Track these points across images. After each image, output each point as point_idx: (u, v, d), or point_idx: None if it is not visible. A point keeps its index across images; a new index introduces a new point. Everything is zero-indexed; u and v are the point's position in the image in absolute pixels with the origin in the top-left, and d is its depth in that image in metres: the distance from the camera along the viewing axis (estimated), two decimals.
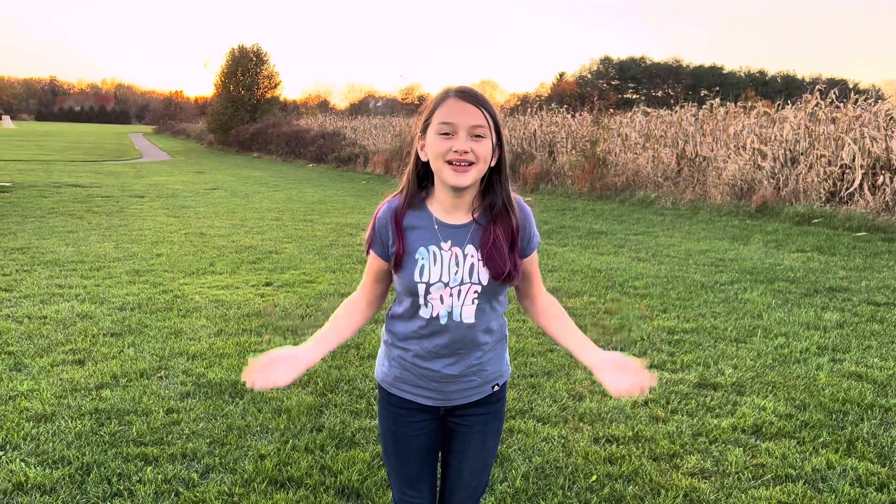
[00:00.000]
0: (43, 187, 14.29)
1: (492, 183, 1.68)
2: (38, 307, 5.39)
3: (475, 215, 1.70)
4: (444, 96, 1.63)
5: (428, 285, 1.69)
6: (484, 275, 1.69)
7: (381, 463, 3.07)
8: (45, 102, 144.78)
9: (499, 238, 1.67)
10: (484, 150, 1.61)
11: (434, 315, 1.71)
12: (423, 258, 1.70)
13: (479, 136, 1.60)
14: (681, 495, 2.85)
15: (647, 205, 13.03)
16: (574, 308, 5.64)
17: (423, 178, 1.74)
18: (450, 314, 1.70)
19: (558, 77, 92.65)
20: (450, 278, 1.68)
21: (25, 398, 3.67)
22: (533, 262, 1.80)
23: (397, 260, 1.72)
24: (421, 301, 1.72)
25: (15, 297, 5.66)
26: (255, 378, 1.62)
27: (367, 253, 1.80)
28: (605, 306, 5.76)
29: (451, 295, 1.69)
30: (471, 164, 1.61)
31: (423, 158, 1.68)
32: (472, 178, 1.62)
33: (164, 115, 74.41)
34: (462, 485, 1.87)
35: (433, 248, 1.70)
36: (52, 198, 12.57)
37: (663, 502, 2.79)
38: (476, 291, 1.69)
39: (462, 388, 1.77)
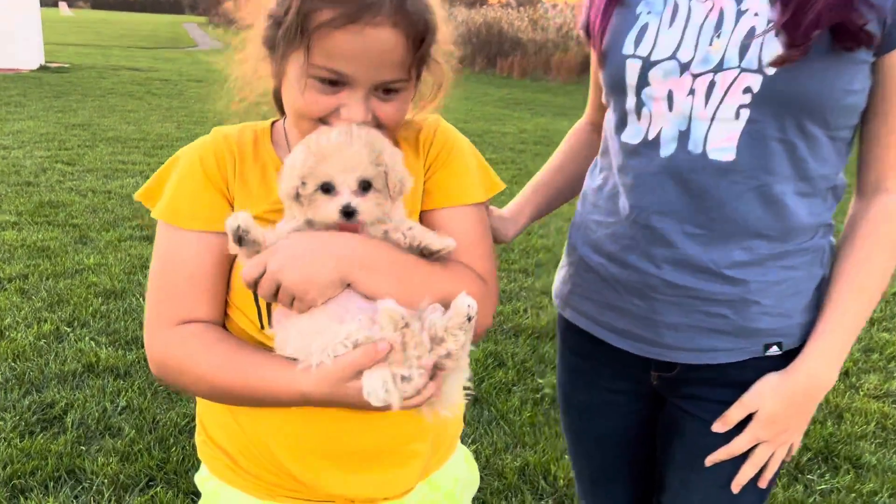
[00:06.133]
0: (102, 69, 13.92)
1: None
2: (101, 181, 5.06)
3: None
4: None
5: (646, 64, 0.88)
6: (773, 48, 0.80)
7: None
8: None
9: None
10: None
11: (651, 137, 0.88)
12: (646, 11, 0.91)
13: None
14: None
15: None
16: None
17: None
18: (684, 136, 0.85)
19: None
20: (695, 54, 0.85)
21: (93, 273, 3.34)
22: (889, 87, 0.81)
23: (599, 17, 0.94)
24: (629, 103, 0.90)
25: (78, 171, 5.33)
26: None
27: (587, 42, 1.03)
28: None
29: (691, 93, 0.85)
30: None
31: None
32: None
33: (217, 4, 73.12)
34: None
35: None
36: (110, 79, 12.20)
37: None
38: (749, 90, 0.82)
39: (690, 323, 0.88)
